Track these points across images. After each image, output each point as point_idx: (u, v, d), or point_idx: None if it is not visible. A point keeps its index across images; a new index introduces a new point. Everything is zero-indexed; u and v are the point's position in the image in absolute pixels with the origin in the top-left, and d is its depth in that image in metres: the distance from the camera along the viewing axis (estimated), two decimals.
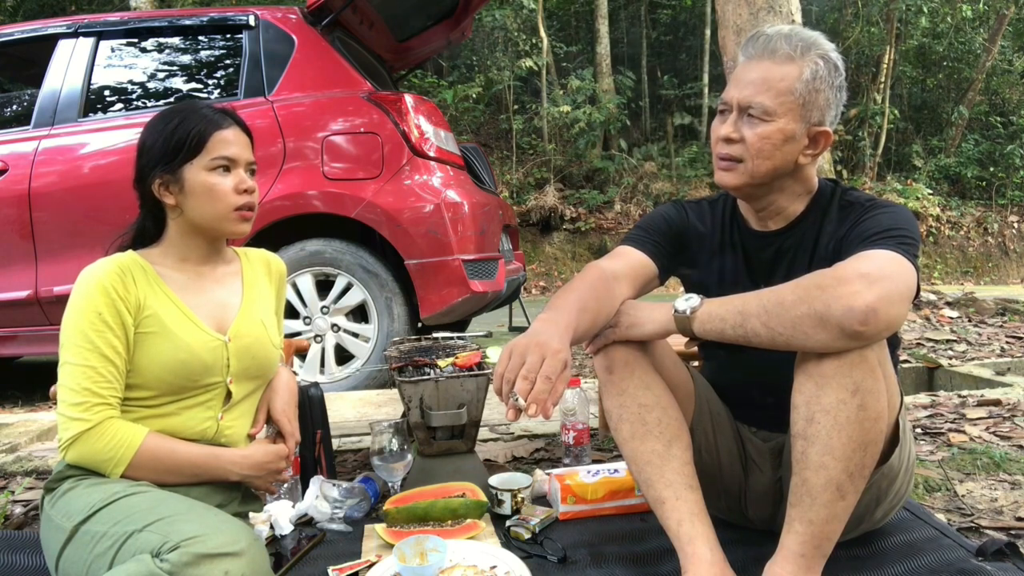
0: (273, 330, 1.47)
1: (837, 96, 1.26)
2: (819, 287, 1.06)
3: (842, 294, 1.03)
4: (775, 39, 1.24)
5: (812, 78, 1.22)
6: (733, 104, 1.26)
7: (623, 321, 1.28)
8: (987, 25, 12.68)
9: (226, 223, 1.35)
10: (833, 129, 1.28)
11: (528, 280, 9.15)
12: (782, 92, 1.22)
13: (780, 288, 1.11)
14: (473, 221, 3.13)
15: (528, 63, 11.26)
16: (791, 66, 1.22)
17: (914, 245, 1.14)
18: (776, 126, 1.23)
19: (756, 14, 4.11)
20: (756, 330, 1.11)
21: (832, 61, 1.25)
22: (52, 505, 1.23)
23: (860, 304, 1.02)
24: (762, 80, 1.23)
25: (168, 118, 1.33)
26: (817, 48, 1.24)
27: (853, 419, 1.08)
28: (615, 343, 1.29)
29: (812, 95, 1.22)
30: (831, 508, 1.10)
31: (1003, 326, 4.37)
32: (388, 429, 1.63)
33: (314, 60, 3.20)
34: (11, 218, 3.08)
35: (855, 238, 1.19)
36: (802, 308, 1.06)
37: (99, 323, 1.23)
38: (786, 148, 1.24)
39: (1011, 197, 11.72)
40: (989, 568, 1.27)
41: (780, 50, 1.23)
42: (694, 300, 1.18)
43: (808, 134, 1.25)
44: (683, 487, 1.23)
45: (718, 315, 1.16)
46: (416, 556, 1.26)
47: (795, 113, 1.23)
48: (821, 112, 1.24)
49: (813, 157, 1.28)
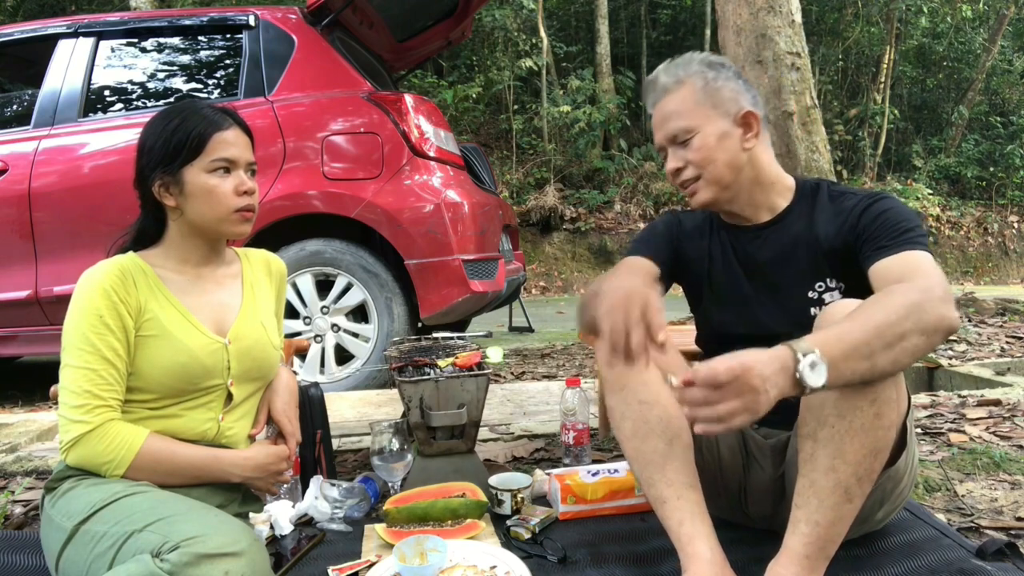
0: (273, 331, 1.47)
1: (737, 83, 1.35)
2: (915, 306, 1.02)
3: (941, 311, 1.03)
4: (658, 78, 1.37)
5: (704, 84, 1.33)
6: (664, 145, 1.38)
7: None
8: (987, 25, 12.69)
9: (226, 224, 1.35)
10: (758, 110, 1.34)
11: (528, 280, 9.16)
12: (689, 109, 1.33)
13: (888, 321, 1.01)
14: (473, 221, 3.13)
15: (528, 63, 11.27)
16: (682, 88, 1.34)
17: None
18: (703, 134, 1.32)
19: (756, 14, 4.11)
20: (884, 369, 1.02)
21: (714, 63, 1.36)
22: (52, 505, 1.23)
23: (952, 315, 1.04)
24: (671, 113, 1.34)
25: (168, 119, 1.33)
26: (694, 62, 1.35)
27: (868, 426, 1.08)
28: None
29: (714, 94, 1.33)
30: (838, 511, 1.10)
31: (1003, 326, 4.37)
32: (388, 429, 1.63)
33: (314, 60, 3.20)
34: (11, 218, 3.08)
35: (882, 235, 1.21)
36: (915, 339, 1.02)
37: (100, 325, 1.23)
38: (725, 144, 1.33)
39: (1011, 197, 11.72)
40: (989, 568, 1.27)
41: (666, 84, 1.35)
42: (821, 371, 0.98)
43: (736, 123, 1.33)
44: (684, 486, 1.22)
45: (849, 371, 1.00)
46: (416, 556, 1.26)
47: (710, 116, 1.32)
48: (733, 101, 1.33)
49: (756, 139, 1.35)
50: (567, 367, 3.96)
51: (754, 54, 4.17)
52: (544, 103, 11.59)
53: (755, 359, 0.96)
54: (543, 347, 4.67)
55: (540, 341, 4.94)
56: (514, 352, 4.52)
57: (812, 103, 4.32)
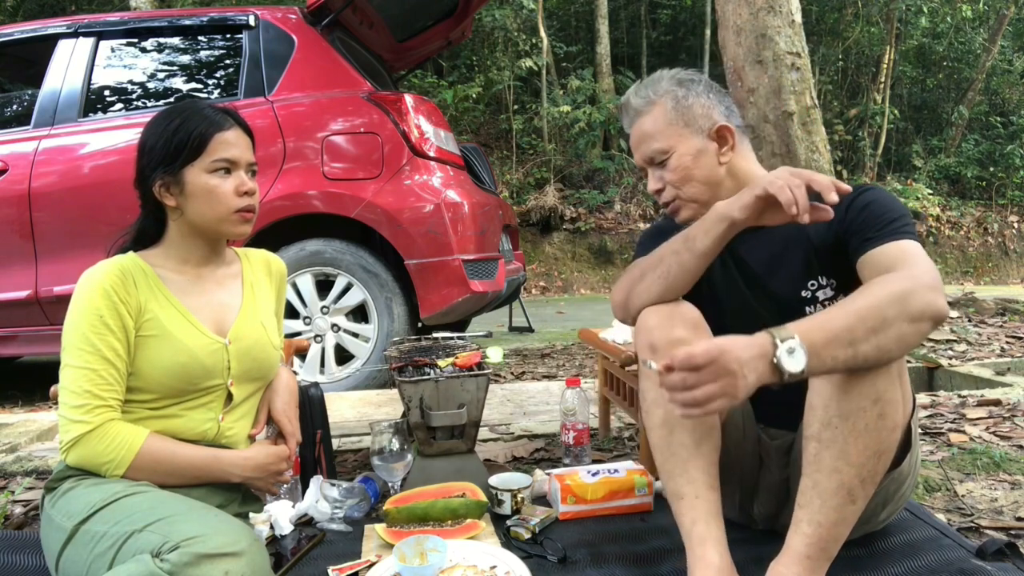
0: (273, 331, 1.47)
1: (709, 98, 1.36)
2: (900, 294, 1.02)
3: (928, 298, 1.03)
4: (630, 100, 1.38)
5: (675, 103, 1.34)
6: (643, 165, 1.40)
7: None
8: (987, 25, 12.69)
9: (226, 225, 1.35)
10: (732, 122, 1.35)
11: (528, 280, 9.15)
12: (662, 131, 1.34)
13: (871, 307, 1.02)
14: (473, 221, 3.13)
15: (528, 63, 11.27)
16: (654, 108, 1.35)
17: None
18: (678, 153, 1.33)
19: (756, 14, 4.11)
20: (868, 356, 1.02)
21: (684, 80, 1.36)
22: (53, 505, 1.23)
23: (940, 303, 1.04)
24: (645, 135, 1.36)
25: (169, 118, 1.33)
26: (664, 79, 1.37)
27: (872, 427, 1.08)
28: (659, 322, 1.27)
29: (686, 112, 1.34)
30: (841, 512, 1.10)
31: (1003, 326, 4.37)
32: (388, 429, 1.63)
33: (314, 60, 3.20)
34: (11, 218, 3.08)
35: (868, 227, 1.21)
36: (901, 326, 1.02)
37: (100, 325, 1.23)
38: (702, 161, 1.34)
39: (1011, 197, 11.72)
40: (989, 568, 1.27)
41: (638, 105, 1.37)
42: (799, 357, 0.99)
43: (710, 137, 1.34)
44: (704, 486, 1.22)
45: (830, 358, 1.01)
46: (416, 556, 1.26)
47: (683, 134, 1.33)
48: (706, 117, 1.34)
49: (732, 151, 1.35)
50: (567, 367, 3.96)
51: (754, 54, 4.17)
52: (544, 103, 11.59)
53: (733, 343, 0.98)
54: (543, 347, 4.67)
55: (540, 341, 4.94)
56: (514, 352, 4.52)
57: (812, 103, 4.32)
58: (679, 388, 0.98)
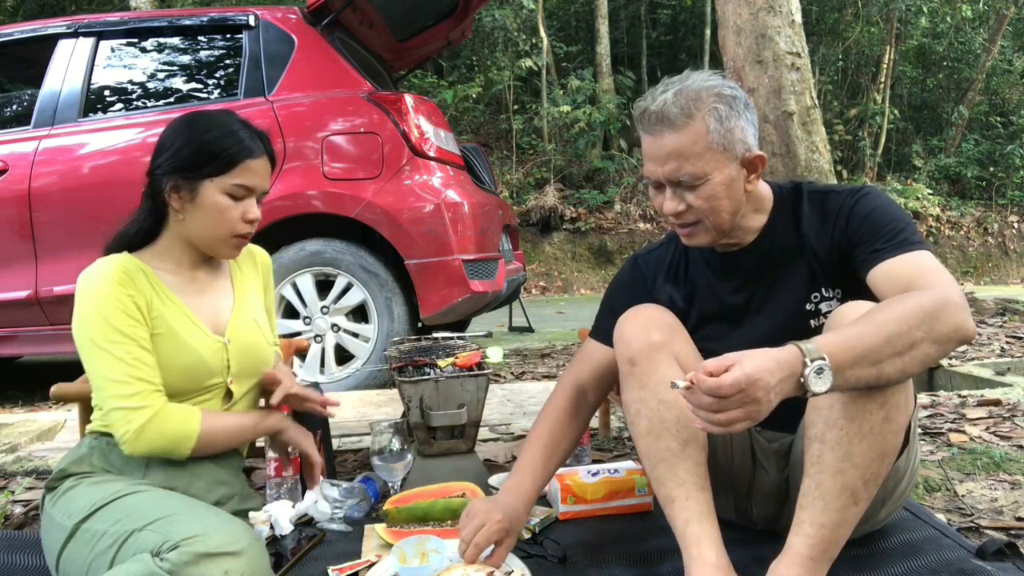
0: (266, 327, 1.49)
1: (747, 118, 1.24)
2: (929, 315, 1.01)
3: (957, 320, 1.02)
4: (665, 107, 1.19)
5: (719, 123, 1.19)
6: (661, 180, 1.24)
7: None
8: (987, 25, 12.69)
9: (221, 246, 1.36)
10: (758, 148, 1.26)
11: (528, 280, 9.15)
12: (700, 153, 1.19)
13: (900, 330, 1.00)
14: (473, 221, 3.13)
15: (528, 63, 11.27)
16: (693, 125, 1.19)
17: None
18: (714, 182, 1.21)
19: (756, 14, 4.11)
20: (890, 376, 1.02)
21: (725, 95, 1.21)
22: (53, 504, 1.23)
23: (968, 324, 1.03)
24: (676, 152, 1.20)
25: (205, 127, 1.32)
26: (706, 92, 1.20)
27: (877, 430, 1.08)
28: (644, 324, 1.29)
29: (727, 136, 1.20)
30: (843, 513, 1.10)
31: (1003, 326, 4.37)
32: (388, 429, 1.63)
33: (314, 60, 3.20)
34: (11, 218, 3.08)
35: (875, 237, 1.19)
36: (926, 347, 1.02)
37: (125, 316, 1.24)
38: (732, 190, 1.24)
39: (1011, 197, 11.72)
40: (989, 568, 1.27)
41: (674, 116, 1.19)
42: (827, 377, 0.97)
43: (742, 164, 1.24)
44: (694, 487, 1.22)
45: (854, 378, 1.00)
46: (416, 556, 1.26)
47: (722, 160, 1.21)
48: (743, 142, 1.23)
49: (758, 179, 1.28)
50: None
51: (754, 54, 4.17)
52: (544, 103, 11.59)
53: (760, 369, 0.94)
54: (543, 347, 4.67)
55: (540, 341, 4.94)
56: (514, 352, 4.52)
57: (812, 103, 4.32)
58: (703, 408, 0.97)
